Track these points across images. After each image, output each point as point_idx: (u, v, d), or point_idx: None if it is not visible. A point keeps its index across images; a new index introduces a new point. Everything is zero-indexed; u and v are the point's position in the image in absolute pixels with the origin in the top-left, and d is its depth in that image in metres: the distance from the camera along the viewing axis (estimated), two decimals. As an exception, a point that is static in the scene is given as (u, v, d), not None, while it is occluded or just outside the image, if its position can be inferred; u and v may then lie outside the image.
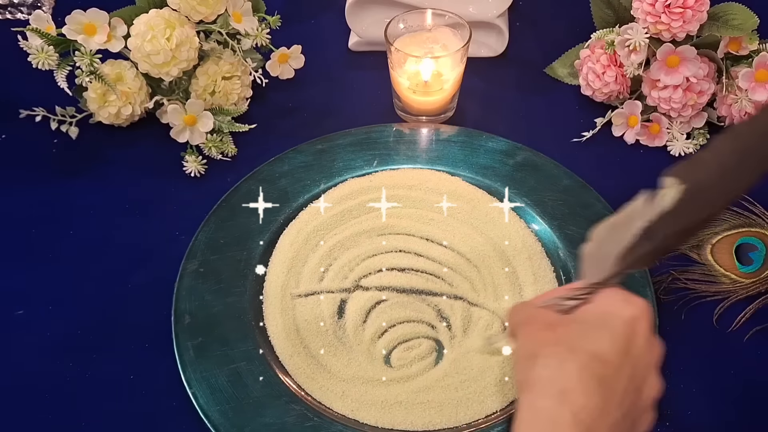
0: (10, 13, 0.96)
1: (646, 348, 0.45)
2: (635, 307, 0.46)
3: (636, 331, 0.45)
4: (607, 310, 0.46)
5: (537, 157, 0.78)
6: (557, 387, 0.42)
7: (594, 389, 0.42)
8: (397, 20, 0.80)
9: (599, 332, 0.44)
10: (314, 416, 0.60)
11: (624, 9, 0.81)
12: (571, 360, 0.43)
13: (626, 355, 0.44)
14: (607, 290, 0.47)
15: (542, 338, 0.45)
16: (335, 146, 0.79)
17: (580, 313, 0.47)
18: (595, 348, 0.43)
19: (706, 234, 0.73)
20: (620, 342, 0.44)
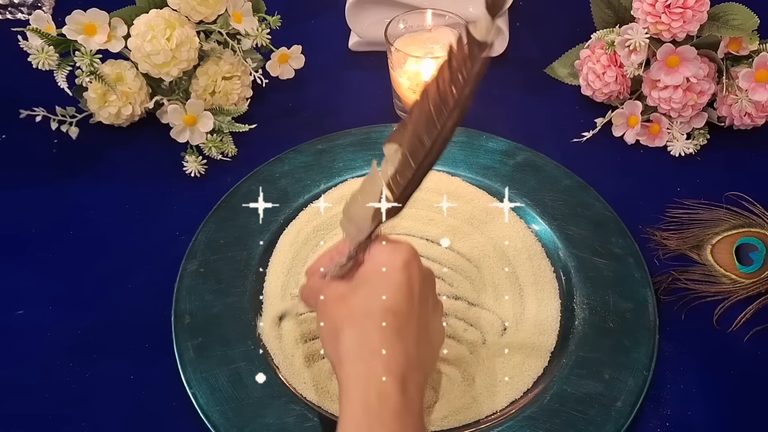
0: (10, 13, 0.96)
1: (423, 282, 0.52)
2: (404, 252, 0.52)
3: (412, 273, 0.51)
4: (381, 263, 0.51)
5: (537, 157, 0.78)
6: (365, 350, 0.48)
7: (395, 340, 0.48)
8: (397, 20, 0.80)
9: (384, 288, 0.50)
10: (314, 416, 0.60)
11: (624, 9, 0.81)
12: (369, 323, 0.48)
13: (411, 297, 0.50)
14: (372, 245, 0.53)
15: (339, 313, 0.50)
16: (335, 146, 0.79)
17: (360, 275, 0.52)
18: (385, 305, 0.49)
19: (707, 234, 0.73)
20: (404, 289, 0.50)
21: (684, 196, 0.77)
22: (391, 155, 0.51)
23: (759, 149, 0.82)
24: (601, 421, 0.59)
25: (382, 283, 0.50)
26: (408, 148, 0.51)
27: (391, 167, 0.51)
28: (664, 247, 0.72)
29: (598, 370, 0.62)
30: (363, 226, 0.53)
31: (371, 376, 0.47)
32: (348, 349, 0.48)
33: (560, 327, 0.66)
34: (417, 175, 0.51)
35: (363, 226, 0.53)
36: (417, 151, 0.51)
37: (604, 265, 0.69)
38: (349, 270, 0.53)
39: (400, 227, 0.72)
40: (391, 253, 0.52)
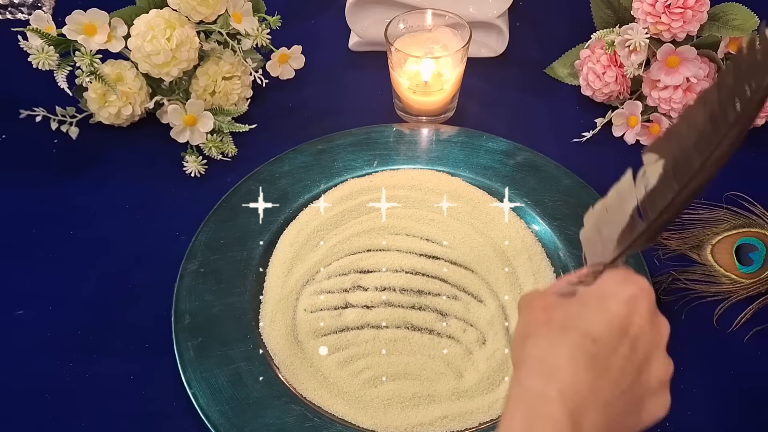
0: (11, 13, 0.96)
1: (647, 327, 0.44)
2: (634, 286, 0.45)
3: (634, 310, 0.44)
4: (605, 290, 0.45)
5: (537, 157, 0.78)
6: (546, 365, 0.42)
7: (583, 368, 0.41)
8: (397, 20, 0.80)
9: (594, 312, 0.44)
10: (314, 417, 0.60)
11: (624, 9, 0.81)
12: (562, 339, 0.42)
13: (623, 334, 0.43)
14: (608, 272, 0.47)
15: (536, 319, 0.45)
16: (335, 146, 0.79)
17: (580, 295, 0.46)
18: (587, 327, 0.43)
19: (707, 234, 0.73)
20: (615, 320, 0.43)
21: (684, 196, 0.77)
22: (651, 167, 0.45)
23: (759, 149, 0.82)
24: (601, 421, 0.59)
25: (596, 308, 0.44)
26: (671, 164, 0.44)
27: (649, 182, 0.45)
28: (664, 247, 0.72)
29: (598, 370, 0.62)
30: (608, 246, 0.47)
31: (542, 397, 0.41)
32: (529, 356, 0.43)
33: (560, 327, 0.66)
34: (677, 200, 0.45)
35: (608, 247, 0.47)
36: (682, 169, 0.44)
37: (604, 265, 0.69)
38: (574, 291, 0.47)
39: (400, 227, 0.72)
40: (621, 283, 0.45)
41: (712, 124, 0.43)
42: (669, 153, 0.44)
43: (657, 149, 0.45)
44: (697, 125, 0.43)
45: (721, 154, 0.43)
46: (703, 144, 0.43)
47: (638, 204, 0.45)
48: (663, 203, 0.45)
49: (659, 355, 0.46)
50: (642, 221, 0.45)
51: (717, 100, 0.42)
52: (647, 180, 0.45)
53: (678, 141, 0.44)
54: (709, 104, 0.43)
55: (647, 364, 0.44)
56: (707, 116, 0.43)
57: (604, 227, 0.47)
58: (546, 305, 0.46)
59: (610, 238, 0.47)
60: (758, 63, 0.40)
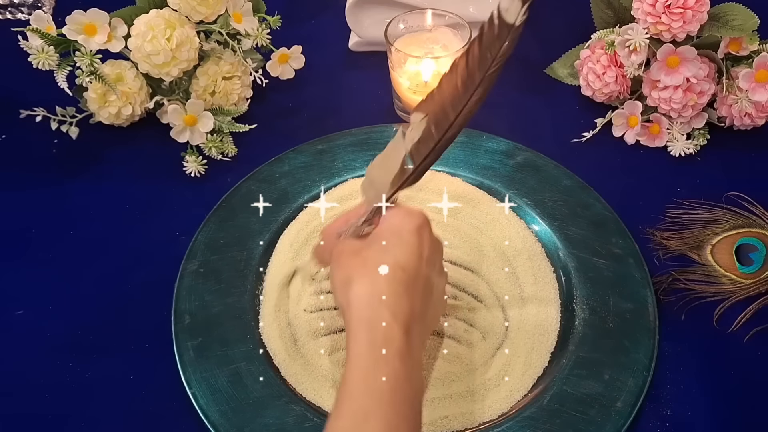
0: (11, 13, 0.96)
1: (433, 248, 0.56)
2: (417, 218, 0.55)
3: (423, 237, 0.54)
4: (397, 226, 0.55)
5: (537, 157, 0.78)
6: (373, 298, 0.51)
7: (402, 293, 0.51)
8: (397, 20, 0.80)
9: (396, 246, 0.53)
10: (314, 417, 0.60)
11: (624, 9, 0.81)
12: (380, 275, 0.51)
13: (420, 258, 0.53)
14: (389, 210, 0.56)
15: (352, 264, 0.53)
16: (335, 146, 0.79)
17: (374, 234, 0.55)
18: (395, 260, 0.52)
19: (707, 235, 0.73)
20: (414, 249, 0.53)
21: (684, 196, 0.77)
22: (417, 123, 0.54)
23: (759, 149, 0.82)
24: (601, 421, 0.59)
25: (395, 242, 0.54)
26: (433, 119, 0.53)
27: (415, 135, 0.54)
28: (664, 247, 0.72)
29: (598, 370, 0.62)
30: (382, 190, 0.56)
31: (378, 320, 0.50)
32: (357, 295, 0.51)
33: (560, 327, 0.66)
34: (439, 146, 0.54)
35: (382, 190, 0.56)
36: (441, 122, 0.53)
37: (604, 266, 0.69)
38: (365, 232, 0.56)
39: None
40: (405, 217, 0.55)
41: (463, 86, 0.52)
42: (431, 111, 0.53)
43: (421, 109, 0.54)
44: (452, 87, 0.52)
45: (469, 109, 0.53)
46: (456, 102, 0.52)
47: (407, 153, 0.54)
48: (427, 150, 0.54)
49: (440, 264, 0.58)
50: (410, 166, 0.55)
51: (465, 67, 0.51)
52: (414, 134, 0.54)
53: (438, 101, 0.53)
54: (460, 70, 0.52)
55: (436, 272, 0.57)
56: (459, 80, 0.52)
57: (380, 174, 0.56)
58: (354, 250, 0.54)
59: (385, 182, 0.56)
60: (495, 36, 0.50)
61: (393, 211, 0.56)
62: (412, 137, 0.54)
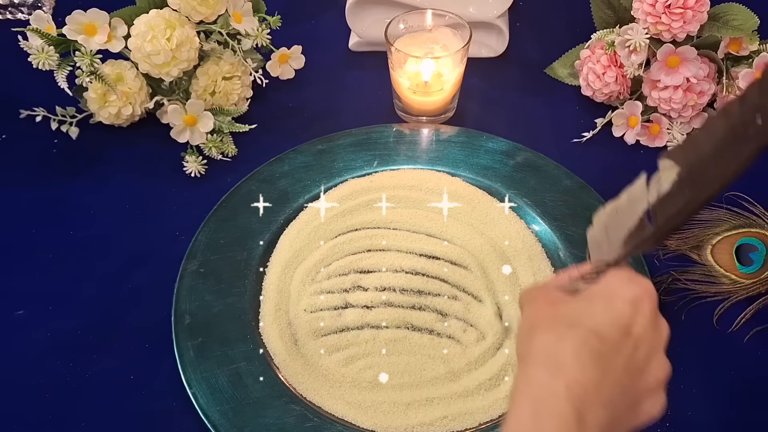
0: (11, 13, 0.96)
1: (649, 328, 0.45)
2: (638, 287, 0.46)
3: (638, 311, 0.45)
4: (611, 289, 0.46)
5: (537, 157, 0.78)
6: (553, 360, 0.43)
7: (589, 364, 0.42)
8: (397, 20, 0.80)
9: (600, 310, 0.45)
10: (314, 417, 0.60)
11: (624, 9, 0.81)
12: (569, 335, 0.43)
13: (626, 334, 0.44)
14: (613, 271, 0.47)
15: (543, 314, 0.46)
16: (335, 146, 0.79)
17: (585, 292, 0.47)
18: (593, 324, 0.44)
19: (707, 235, 0.73)
20: (620, 320, 0.44)
21: (684, 196, 0.77)
22: (666, 173, 0.45)
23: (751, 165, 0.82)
24: (601, 421, 0.59)
25: (602, 306, 0.45)
26: (686, 173, 0.45)
27: (662, 186, 0.45)
28: (664, 247, 0.72)
29: (598, 370, 0.62)
30: (614, 246, 0.48)
31: (549, 390, 0.42)
32: (536, 351, 0.44)
33: (560, 327, 0.66)
34: (688, 208, 0.45)
35: (613, 247, 0.48)
36: (697, 177, 0.45)
37: (604, 266, 0.69)
38: (580, 289, 0.48)
39: (400, 227, 0.72)
40: (626, 283, 0.46)
41: (732, 137, 0.43)
42: (685, 161, 0.45)
43: (674, 156, 0.45)
44: (716, 137, 0.44)
45: (736, 166, 0.44)
46: (720, 155, 0.44)
47: (649, 208, 0.46)
48: (674, 209, 0.45)
49: (659, 356, 0.47)
50: (650, 225, 0.46)
51: (739, 114, 0.43)
52: (660, 185, 0.45)
53: (695, 150, 0.44)
54: (731, 117, 0.43)
55: (647, 364, 0.45)
56: (727, 129, 0.43)
57: (612, 227, 0.48)
58: (552, 300, 0.46)
59: (616, 239, 0.47)
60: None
61: (616, 273, 0.47)
62: (656, 189, 0.45)
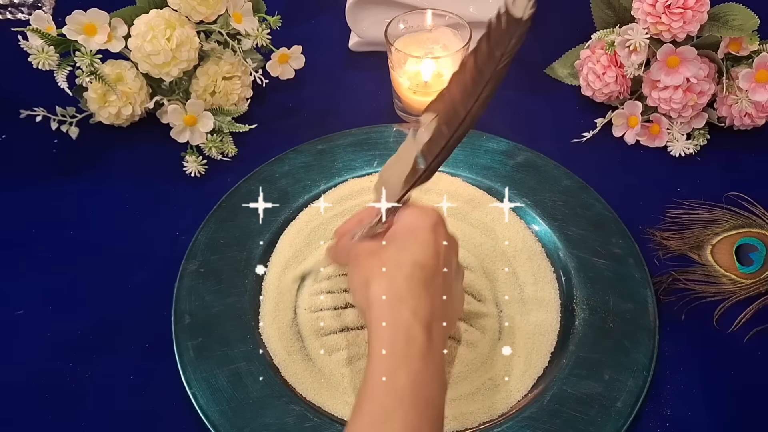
0: (11, 13, 0.96)
1: (449, 245, 0.55)
2: (432, 216, 0.55)
3: (438, 234, 0.54)
4: (411, 225, 0.55)
5: (537, 157, 0.78)
6: (393, 297, 0.51)
7: (422, 291, 0.51)
8: (397, 20, 0.80)
9: (412, 245, 0.53)
10: (314, 417, 0.60)
11: (624, 9, 0.81)
12: (398, 274, 0.52)
13: (437, 255, 0.53)
14: (403, 209, 0.56)
15: (370, 264, 0.53)
16: (335, 146, 0.79)
17: (390, 234, 0.55)
18: (413, 258, 0.52)
19: (707, 235, 0.73)
20: (430, 247, 0.53)
21: (684, 196, 0.77)
22: (427, 123, 0.54)
23: (759, 149, 0.82)
24: (601, 421, 0.59)
25: (411, 241, 0.54)
26: (443, 117, 0.53)
27: (426, 135, 0.54)
28: (664, 247, 0.72)
29: (598, 370, 0.62)
30: (395, 190, 0.56)
31: (399, 320, 0.50)
32: (377, 296, 0.51)
33: (560, 327, 0.66)
34: (450, 144, 0.54)
35: (395, 190, 0.56)
36: (451, 120, 0.53)
37: (604, 266, 0.69)
38: (378, 232, 0.56)
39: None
40: (420, 216, 0.55)
41: (472, 84, 0.51)
42: (441, 110, 0.53)
43: (431, 108, 0.53)
44: (461, 86, 0.52)
45: (479, 106, 0.52)
46: (466, 99, 0.52)
47: (419, 152, 0.54)
48: (438, 148, 0.54)
49: (457, 264, 0.58)
50: (422, 165, 0.55)
51: (474, 64, 0.51)
52: (425, 134, 0.54)
53: (447, 100, 0.53)
54: (469, 68, 0.51)
55: (453, 269, 0.56)
56: (468, 78, 0.51)
57: (393, 175, 0.56)
58: (371, 251, 0.55)
59: (397, 182, 0.55)
60: (503, 31, 0.49)
61: (407, 210, 0.56)
62: (423, 137, 0.54)
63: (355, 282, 0.55)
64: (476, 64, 0.51)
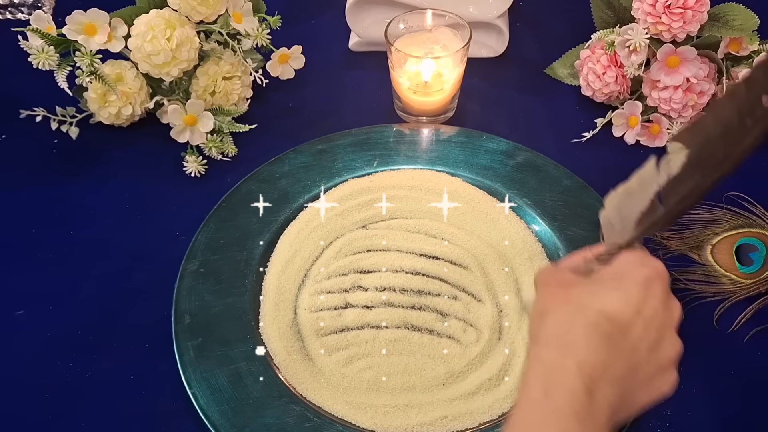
0: (11, 13, 0.96)
1: (660, 308, 0.46)
2: (650, 269, 0.47)
3: (649, 292, 0.46)
4: (622, 271, 0.47)
5: (537, 157, 0.78)
6: (564, 340, 0.44)
7: (599, 345, 0.43)
8: (397, 20, 0.80)
9: (610, 291, 0.46)
10: (314, 417, 0.60)
11: (624, 9, 0.81)
12: (579, 316, 0.45)
13: (637, 314, 0.45)
14: (625, 253, 0.49)
15: (555, 296, 0.47)
16: (335, 146, 0.79)
17: (597, 274, 0.48)
18: (603, 306, 0.45)
19: (707, 235, 0.73)
20: (631, 301, 0.45)
21: (684, 196, 0.77)
22: (675, 155, 0.46)
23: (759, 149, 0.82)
24: (601, 421, 0.59)
25: (613, 288, 0.46)
26: (696, 153, 0.45)
27: (672, 168, 0.47)
28: (664, 247, 0.72)
29: (598, 370, 0.62)
30: (626, 228, 0.49)
31: (560, 368, 0.43)
32: (547, 333, 0.45)
33: (560, 327, 0.66)
34: (699, 188, 0.46)
35: (626, 228, 0.49)
36: (705, 158, 0.45)
37: (604, 266, 0.69)
38: (594, 269, 0.50)
39: (400, 227, 0.72)
40: (638, 265, 0.47)
41: (739, 118, 0.44)
42: (694, 143, 0.45)
43: (682, 139, 0.46)
44: (723, 118, 0.44)
45: (744, 148, 0.44)
46: (728, 137, 0.44)
47: (659, 190, 0.47)
48: (684, 191, 0.46)
49: (670, 336, 0.47)
50: (661, 206, 0.47)
51: (745, 95, 0.44)
52: (670, 167, 0.46)
53: (703, 132, 0.45)
54: (737, 99, 0.44)
55: (658, 343, 0.46)
56: (734, 110, 0.44)
57: (624, 209, 0.49)
58: (564, 282, 0.48)
59: (628, 220, 0.48)
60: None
61: (629, 254, 0.49)
62: (666, 171, 0.46)
63: (535, 309, 0.48)
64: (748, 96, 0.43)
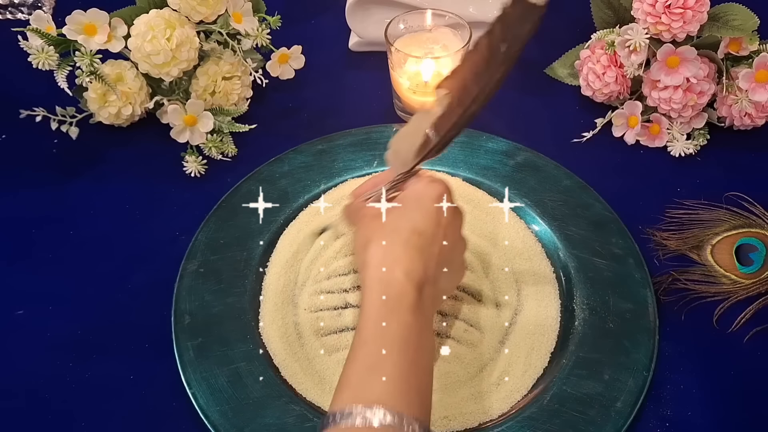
0: (11, 13, 0.96)
1: (452, 216, 0.57)
2: (439, 186, 0.57)
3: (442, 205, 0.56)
4: (417, 193, 0.57)
5: (537, 157, 0.78)
6: (389, 259, 0.53)
7: (416, 255, 0.53)
8: (397, 20, 0.80)
9: (414, 212, 0.56)
10: (314, 417, 0.60)
11: (624, 9, 0.81)
12: (396, 237, 0.54)
13: (437, 225, 0.55)
14: (413, 178, 0.58)
15: (372, 227, 0.56)
16: (335, 146, 0.79)
17: (398, 199, 0.57)
18: (413, 225, 0.55)
19: (707, 235, 0.73)
20: (432, 216, 0.55)
21: (684, 196, 0.77)
22: (440, 99, 0.55)
23: (759, 149, 0.82)
24: (601, 421, 0.59)
25: (414, 208, 0.56)
26: (456, 94, 0.55)
27: (438, 109, 0.56)
28: (664, 247, 0.72)
29: (598, 370, 0.62)
30: (407, 159, 0.58)
31: (391, 279, 0.52)
32: (373, 256, 0.54)
33: (560, 327, 0.66)
34: (461, 120, 0.56)
35: (407, 160, 0.58)
36: (463, 98, 0.55)
37: (604, 266, 0.69)
38: (389, 197, 0.58)
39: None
40: (428, 185, 0.57)
41: (485, 64, 0.53)
42: (454, 87, 0.55)
43: (445, 85, 0.55)
44: (474, 66, 0.53)
45: (491, 86, 0.53)
46: (478, 79, 0.53)
47: (431, 126, 0.56)
48: (449, 124, 0.56)
49: (459, 236, 0.59)
50: (433, 138, 0.56)
51: (488, 46, 0.52)
52: (437, 109, 0.56)
53: (460, 78, 0.55)
54: (482, 49, 0.53)
55: (455, 244, 0.58)
56: (481, 58, 0.53)
57: (405, 146, 0.58)
58: (375, 214, 0.57)
59: (409, 152, 0.58)
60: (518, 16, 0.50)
61: (417, 179, 0.58)
62: (435, 111, 0.56)
63: (357, 243, 0.57)
64: (489, 46, 0.52)
